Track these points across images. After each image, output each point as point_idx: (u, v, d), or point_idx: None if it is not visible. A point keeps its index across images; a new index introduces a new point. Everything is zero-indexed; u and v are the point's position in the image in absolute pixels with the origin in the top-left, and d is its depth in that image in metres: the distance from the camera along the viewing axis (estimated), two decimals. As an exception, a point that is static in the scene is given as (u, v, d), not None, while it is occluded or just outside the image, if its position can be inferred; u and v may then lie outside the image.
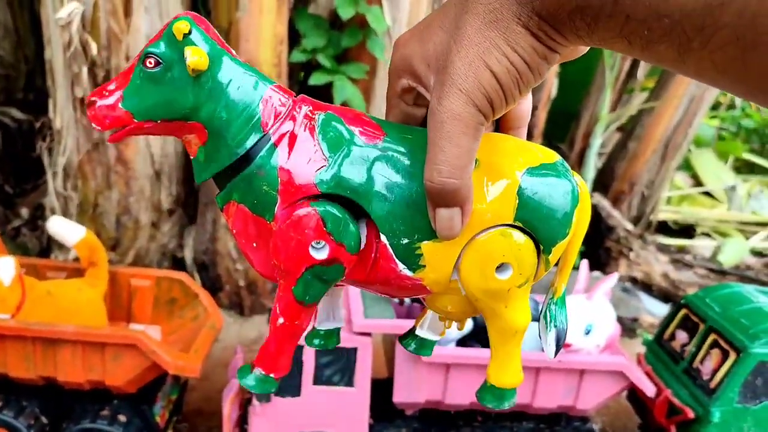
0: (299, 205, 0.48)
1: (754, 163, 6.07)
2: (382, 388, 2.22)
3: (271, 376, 0.52)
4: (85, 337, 2.02)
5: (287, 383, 2.06)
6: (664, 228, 5.01)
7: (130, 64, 0.50)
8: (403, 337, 0.60)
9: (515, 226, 0.49)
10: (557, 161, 0.51)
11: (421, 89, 0.49)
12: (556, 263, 0.53)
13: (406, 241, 0.48)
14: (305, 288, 0.49)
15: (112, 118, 0.49)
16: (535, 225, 0.49)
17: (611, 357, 2.22)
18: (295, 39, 3.19)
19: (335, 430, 2.15)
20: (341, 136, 0.49)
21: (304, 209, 0.48)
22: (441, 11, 0.46)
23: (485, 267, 0.49)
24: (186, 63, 0.47)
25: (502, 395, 0.54)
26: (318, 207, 0.47)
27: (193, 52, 0.47)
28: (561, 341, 0.55)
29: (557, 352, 0.55)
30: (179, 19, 0.48)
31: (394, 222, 0.48)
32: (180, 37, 0.48)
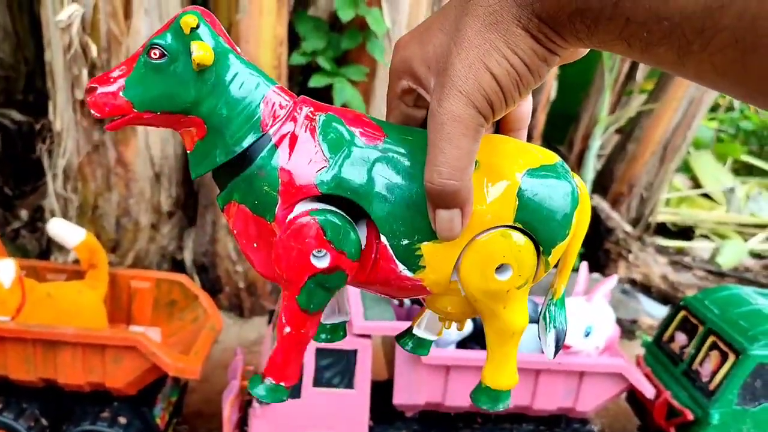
0: (301, 214, 0.48)
1: (752, 165, 6.08)
2: (382, 390, 2.22)
3: (282, 384, 0.52)
4: (86, 339, 2.02)
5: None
6: (662, 230, 5.01)
7: (135, 52, 0.49)
8: (400, 336, 0.60)
9: (515, 227, 0.49)
10: (557, 163, 0.51)
11: (421, 91, 0.49)
12: (555, 264, 0.53)
13: (406, 242, 0.48)
14: (309, 296, 0.49)
15: (111, 106, 0.49)
16: (535, 226, 0.49)
17: (611, 359, 2.22)
18: (295, 41, 3.19)
19: (335, 431, 2.16)
20: (342, 137, 0.49)
21: (303, 218, 0.47)
22: (441, 13, 0.47)
23: (485, 268, 0.49)
24: (191, 57, 0.47)
25: (497, 397, 0.53)
26: (318, 216, 0.47)
27: (200, 46, 0.47)
28: (560, 342, 0.55)
29: (556, 352, 0.55)
30: (187, 13, 0.48)
31: (394, 223, 0.48)
32: (187, 31, 0.48)
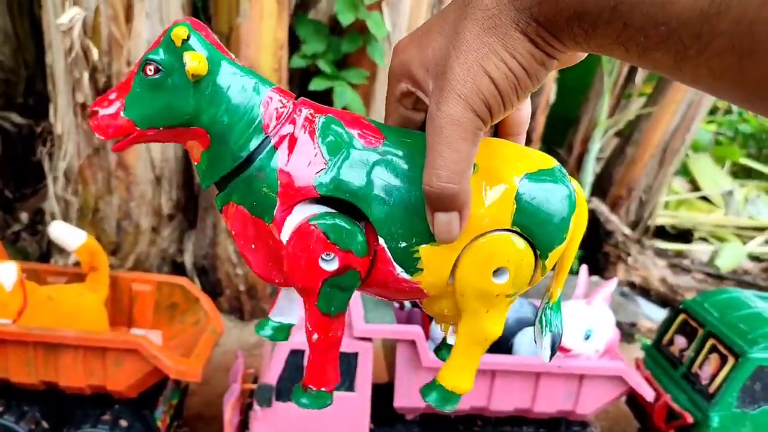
0: (301, 225, 0.48)
1: (751, 168, 6.08)
2: (382, 392, 2.22)
3: (323, 389, 0.52)
4: (87, 342, 2.02)
5: (287, 388, 2.06)
6: (661, 233, 5.01)
7: (130, 71, 0.50)
8: (438, 350, 0.60)
9: (513, 230, 0.49)
10: (555, 167, 0.51)
11: (420, 94, 0.49)
12: (552, 268, 0.53)
13: (404, 245, 0.49)
14: (327, 300, 0.50)
15: (114, 127, 0.49)
16: (533, 230, 0.49)
17: (610, 362, 2.22)
18: (296, 44, 3.20)
19: (335, 434, 2.16)
20: (341, 139, 0.49)
21: (304, 228, 0.48)
22: (440, 17, 0.47)
23: (484, 268, 0.49)
24: (185, 68, 0.47)
25: (448, 398, 0.53)
26: (317, 221, 0.48)
27: (192, 57, 0.47)
28: (556, 345, 0.55)
29: (552, 356, 0.55)
30: (177, 25, 0.48)
31: (392, 225, 0.48)
32: (179, 43, 0.48)
